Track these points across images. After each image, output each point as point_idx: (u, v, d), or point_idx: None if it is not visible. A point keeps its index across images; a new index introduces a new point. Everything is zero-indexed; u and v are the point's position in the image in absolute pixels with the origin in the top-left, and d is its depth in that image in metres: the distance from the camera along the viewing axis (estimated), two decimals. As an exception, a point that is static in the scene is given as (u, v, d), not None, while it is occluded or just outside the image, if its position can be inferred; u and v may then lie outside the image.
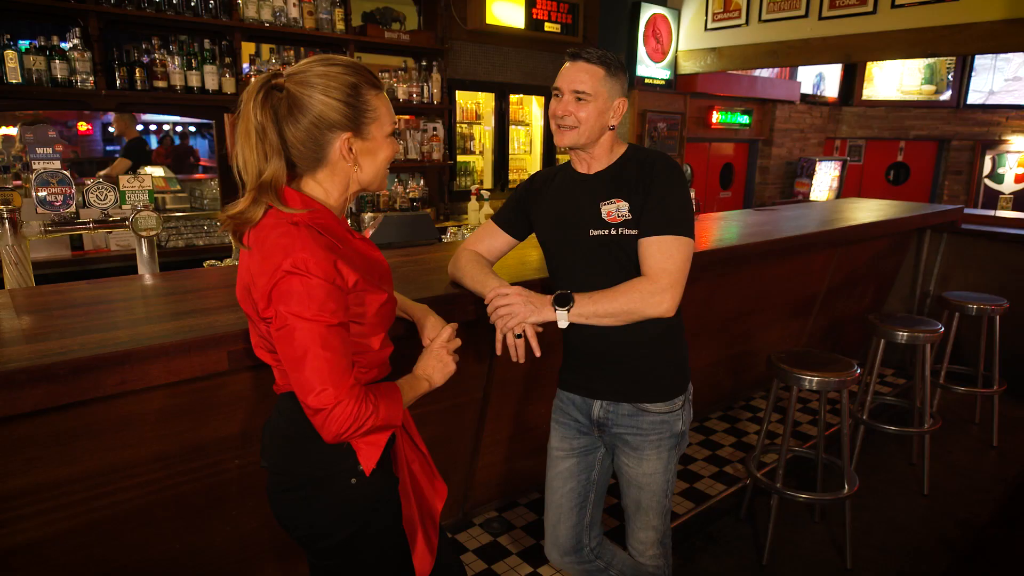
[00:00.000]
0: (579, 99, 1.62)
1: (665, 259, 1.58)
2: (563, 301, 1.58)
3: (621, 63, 1.68)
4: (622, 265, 1.66)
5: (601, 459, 1.88)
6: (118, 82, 3.89)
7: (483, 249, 1.91)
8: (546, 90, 6.36)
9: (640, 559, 1.88)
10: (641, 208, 1.62)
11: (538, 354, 1.63)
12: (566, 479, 1.87)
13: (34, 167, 2.67)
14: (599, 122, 1.65)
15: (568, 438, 1.86)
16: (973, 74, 8.45)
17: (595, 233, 1.67)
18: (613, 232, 1.65)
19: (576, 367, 1.81)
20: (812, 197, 8.21)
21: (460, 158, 6.01)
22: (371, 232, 3.69)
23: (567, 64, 1.66)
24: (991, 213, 5.27)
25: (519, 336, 1.63)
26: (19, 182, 4.01)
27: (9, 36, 3.62)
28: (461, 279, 1.86)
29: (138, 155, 5.04)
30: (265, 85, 1.22)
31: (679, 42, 6.52)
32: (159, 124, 7.04)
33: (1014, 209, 8.37)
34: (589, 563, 1.91)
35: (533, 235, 1.90)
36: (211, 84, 4.19)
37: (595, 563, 1.92)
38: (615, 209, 1.64)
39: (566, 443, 1.86)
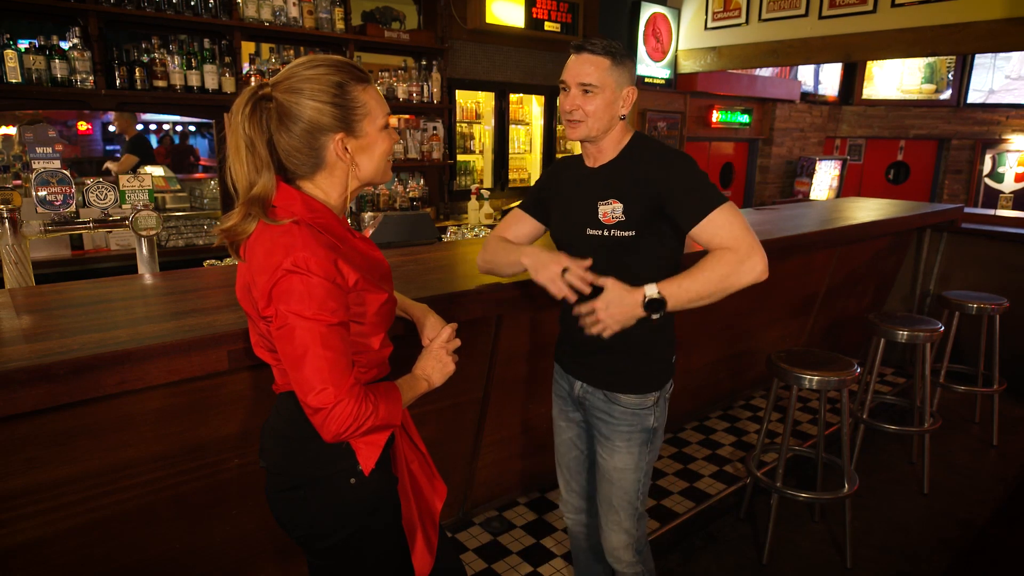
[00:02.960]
0: (586, 92, 1.61)
1: (732, 228, 1.53)
2: (655, 307, 1.52)
3: (626, 51, 1.65)
4: (616, 266, 1.62)
5: None
6: (118, 81, 3.89)
7: (510, 235, 1.89)
8: (546, 89, 6.35)
9: (617, 566, 1.87)
10: (642, 210, 1.60)
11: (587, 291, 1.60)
12: (570, 447, 1.95)
13: (34, 167, 2.67)
14: (608, 113, 1.63)
15: (567, 411, 1.92)
16: (973, 73, 8.44)
17: (591, 232, 1.66)
18: (606, 233, 1.64)
19: (565, 347, 1.87)
20: (812, 196, 8.21)
21: (460, 157, 6.00)
22: (371, 231, 3.69)
23: (572, 57, 1.64)
24: (991, 212, 5.26)
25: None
26: (19, 182, 4.01)
27: (9, 36, 3.61)
28: (493, 264, 1.85)
29: (143, 151, 5.08)
30: (253, 97, 1.22)
31: (679, 41, 6.52)
32: (159, 123, 7.03)
33: (1014, 208, 8.36)
34: (597, 519, 1.95)
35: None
36: (211, 84, 4.19)
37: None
38: (610, 210, 1.63)
39: (565, 415, 1.93)
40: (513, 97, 6.23)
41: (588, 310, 1.55)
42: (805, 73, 8.43)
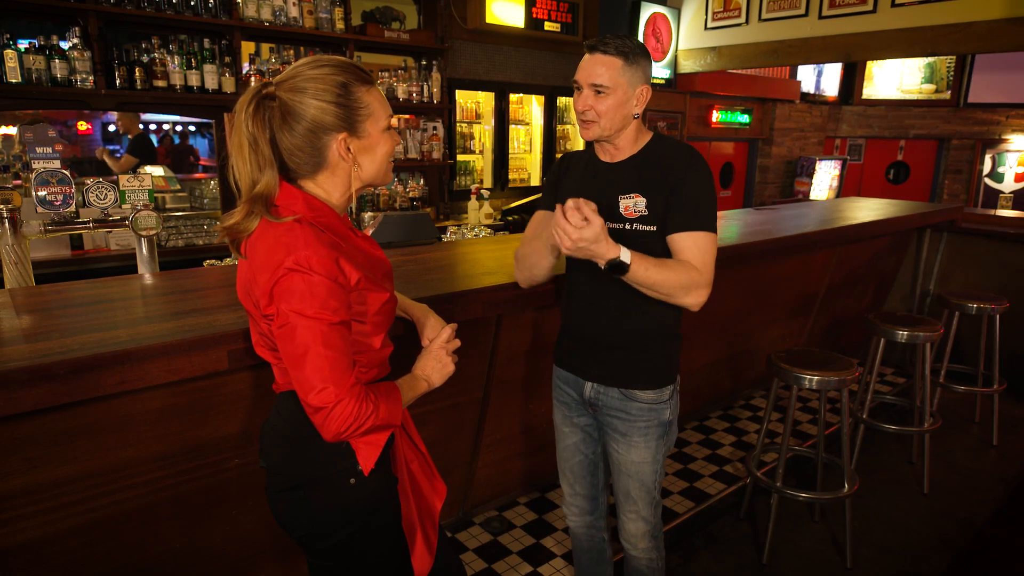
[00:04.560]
0: (598, 92, 1.61)
1: (703, 255, 1.60)
2: (616, 269, 1.51)
3: (641, 49, 1.64)
4: None
5: None
6: (118, 81, 3.89)
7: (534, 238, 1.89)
8: (546, 89, 6.35)
9: (632, 552, 1.89)
10: (663, 204, 1.62)
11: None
12: (574, 452, 1.93)
13: (34, 167, 2.67)
14: (620, 113, 1.63)
15: (570, 416, 1.90)
16: (973, 73, 8.44)
17: (610, 226, 1.66)
18: (628, 227, 1.65)
19: (570, 347, 1.84)
20: (812, 196, 8.21)
21: (460, 157, 6.00)
22: (371, 231, 3.69)
23: (585, 57, 1.64)
24: (991, 212, 5.27)
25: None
26: (19, 182, 4.01)
27: (9, 35, 3.61)
28: (529, 269, 1.85)
29: (145, 151, 5.08)
30: (257, 96, 1.22)
31: (679, 41, 6.52)
32: (159, 123, 7.03)
33: (1014, 208, 8.36)
34: (600, 522, 2.00)
35: None
36: (211, 83, 4.19)
37: (603, 530, 2.02)
38: (632, 204, 1.65)
39: (569, 420, 1.91)
40: (513, 97, 6.23)
41: (574, 216, 1.43)
42: (805, 73, 8.43)
